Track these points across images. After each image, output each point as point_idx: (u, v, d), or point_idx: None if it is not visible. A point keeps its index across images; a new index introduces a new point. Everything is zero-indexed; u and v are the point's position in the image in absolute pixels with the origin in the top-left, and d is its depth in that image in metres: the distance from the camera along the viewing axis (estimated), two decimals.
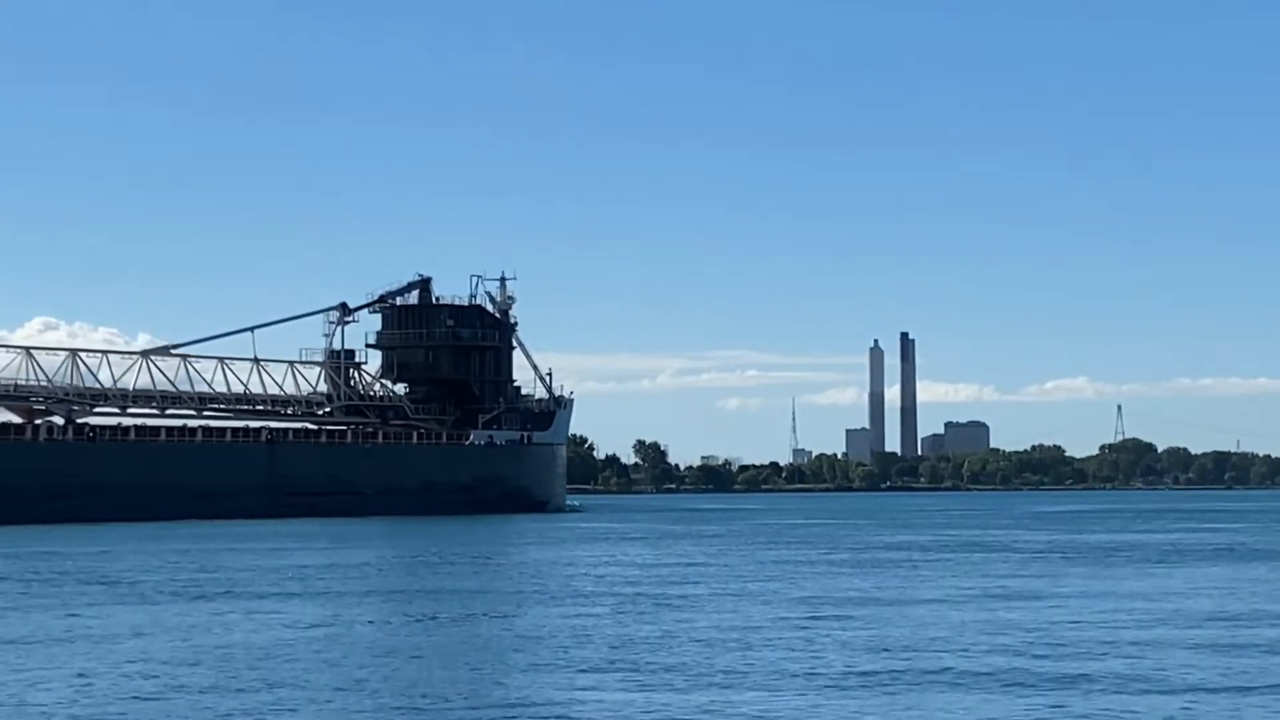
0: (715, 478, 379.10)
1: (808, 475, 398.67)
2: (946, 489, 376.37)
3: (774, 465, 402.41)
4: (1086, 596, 50.52)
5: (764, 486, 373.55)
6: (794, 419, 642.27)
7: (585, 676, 31.82)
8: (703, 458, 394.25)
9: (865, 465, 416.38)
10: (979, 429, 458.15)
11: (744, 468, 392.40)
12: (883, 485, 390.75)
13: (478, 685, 30.94)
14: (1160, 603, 48.28)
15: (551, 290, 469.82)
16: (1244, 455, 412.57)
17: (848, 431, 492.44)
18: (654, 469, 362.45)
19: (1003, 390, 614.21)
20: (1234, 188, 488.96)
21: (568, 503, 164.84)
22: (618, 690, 30.03)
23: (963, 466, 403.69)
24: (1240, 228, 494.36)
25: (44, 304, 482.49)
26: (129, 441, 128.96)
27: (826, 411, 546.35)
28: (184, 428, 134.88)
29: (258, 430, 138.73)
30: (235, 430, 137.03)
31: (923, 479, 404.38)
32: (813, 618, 43.16)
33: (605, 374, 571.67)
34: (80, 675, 32.28)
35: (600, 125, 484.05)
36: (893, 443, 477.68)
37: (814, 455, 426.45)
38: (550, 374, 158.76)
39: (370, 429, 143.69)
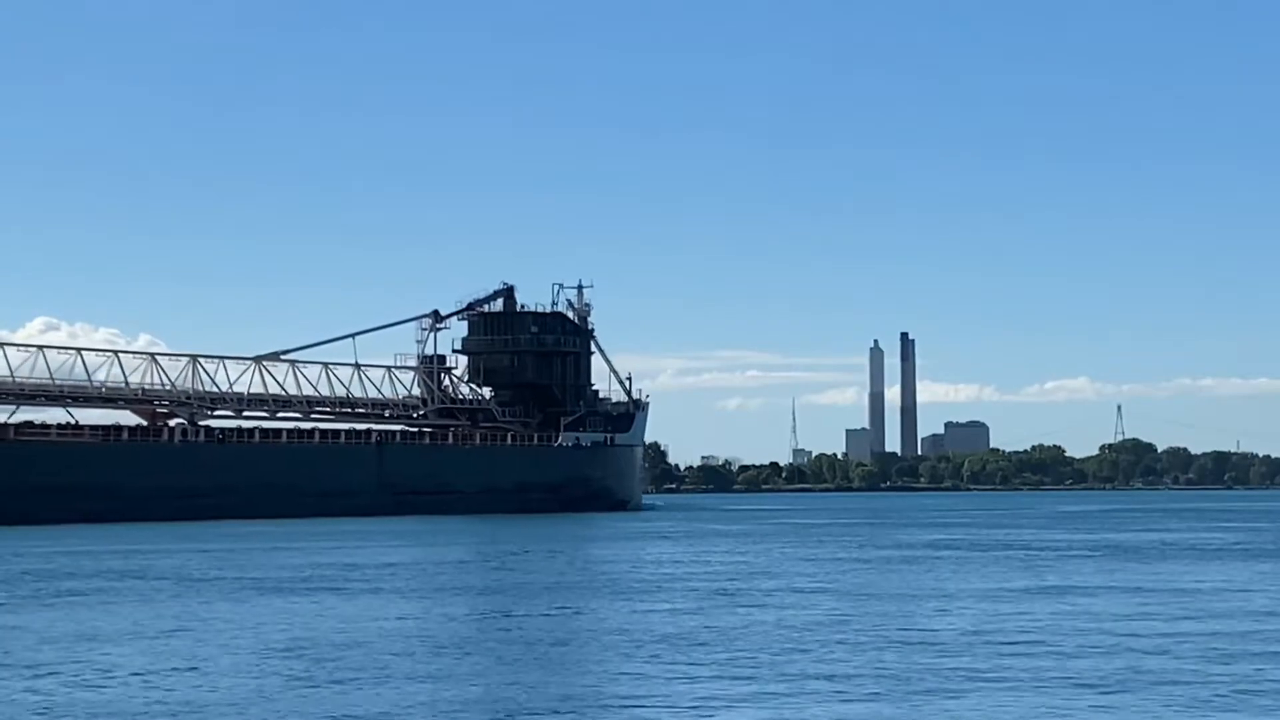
0: (715, 478, 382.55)
1: (808, 475, 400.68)
2: (946, 489, 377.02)
3: (774, 465, 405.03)
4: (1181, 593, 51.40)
5: (764, 487, 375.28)
6: (794, 419, 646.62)
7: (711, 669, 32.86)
8: (703, 458, 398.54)
9: (865, 465, 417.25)
10: (979, 429, 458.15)
11: (744, 468, 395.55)
12: (882, 485, 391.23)
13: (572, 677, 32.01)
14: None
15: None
16: (1244, 455, 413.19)
17: (848, 431, 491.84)
18: (654, 469, 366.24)
19: (1003, 390, 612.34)
20: (1234, 187, 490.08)
21: (644, 502, 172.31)
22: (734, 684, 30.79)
23: (963, 466, 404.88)
24: (1240, 227, 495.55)
25: (45, 304, 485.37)
26: (254, 444, 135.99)
27: (826, 411, 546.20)
28: (299, 430, 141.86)
29: (367, 433, 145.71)
30: (348, 433, 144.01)
31: (923, 479, 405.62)
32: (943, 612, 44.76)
33: None
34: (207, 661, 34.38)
35: (594, 123, 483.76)
36: (893, 443, 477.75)
37: (814, 455, 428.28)
38: (630, 378, 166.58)
39: (467, 431, 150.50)
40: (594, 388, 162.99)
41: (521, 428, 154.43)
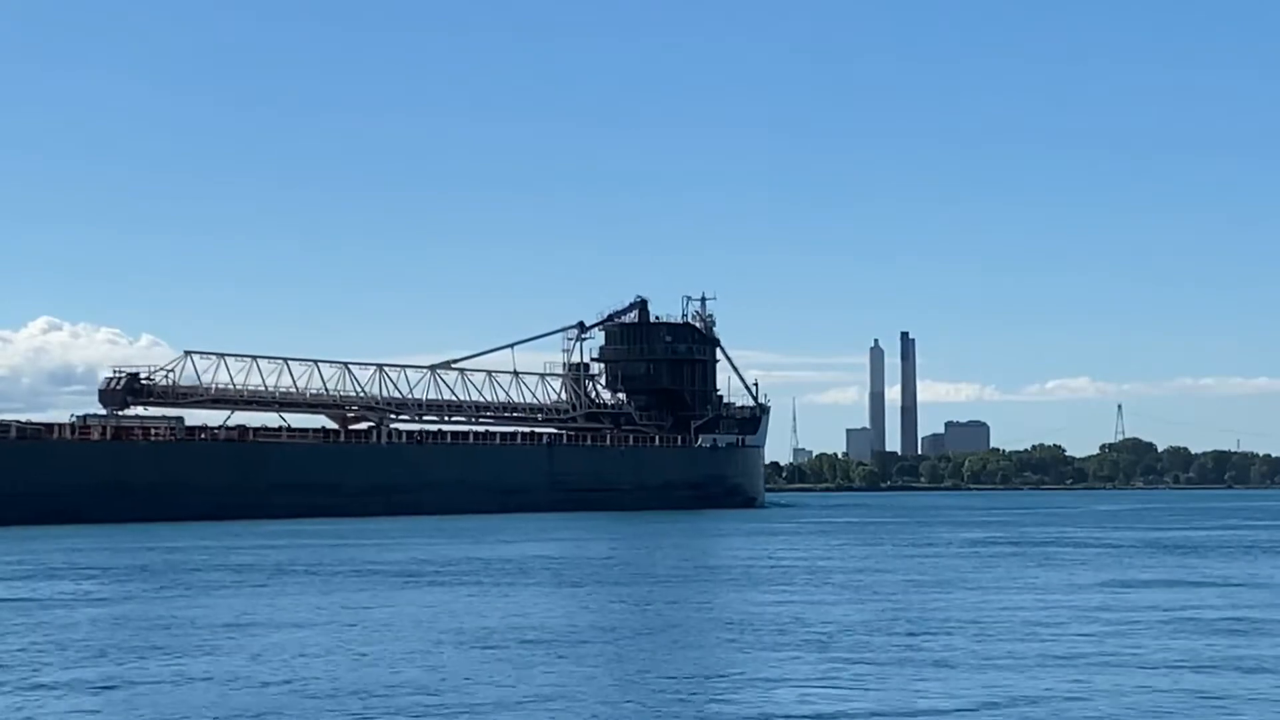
0: None
1: (808, 474, 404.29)
2: (947, 488, 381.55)
3: (774, 464, 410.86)
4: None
5: (764, 486, 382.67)
6: (794, 418, 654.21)
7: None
8: None
9: (866, 465, 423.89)
10: (979, 428, 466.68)
11: None
12: (883, 485, 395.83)
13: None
14: None
15: None
16: (1244, 455, 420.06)
17: (848, 431, 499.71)
18: None
19: (1003, 390, 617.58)
20: (1235, 186, 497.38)
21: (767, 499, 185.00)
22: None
23: (963, 466, 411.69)
24: (1241, 227, 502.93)
25: (47, 303, 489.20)
26: (445, 445, 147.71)
27: (827, 411, 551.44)
28: (475, 433, 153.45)
29: (531, 435, 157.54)
30: (522, 435, 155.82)
31: (923, 478, 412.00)
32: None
33: None
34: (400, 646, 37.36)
35: (593, 119, 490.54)
36: (893, 442, 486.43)
37: (814, 455, 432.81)
38: (756, 384, 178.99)
39: (620, 434, 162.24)
40: (719, 393, 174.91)
41: (655, 430, 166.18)
